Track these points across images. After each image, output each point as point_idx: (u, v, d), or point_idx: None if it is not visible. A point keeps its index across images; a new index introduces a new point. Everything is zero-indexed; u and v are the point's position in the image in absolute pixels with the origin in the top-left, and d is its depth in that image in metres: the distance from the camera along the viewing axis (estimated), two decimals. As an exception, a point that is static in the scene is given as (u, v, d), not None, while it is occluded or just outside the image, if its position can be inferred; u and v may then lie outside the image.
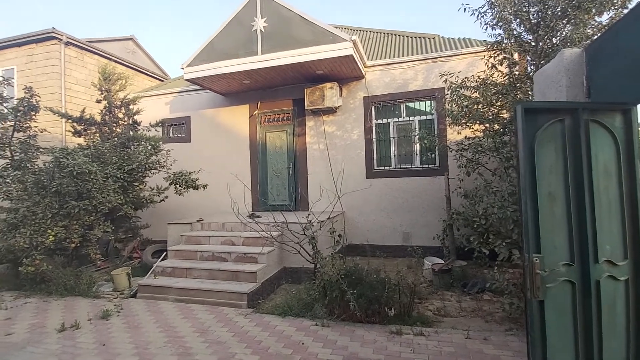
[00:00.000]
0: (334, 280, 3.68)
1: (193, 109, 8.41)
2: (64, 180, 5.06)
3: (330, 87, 6.79)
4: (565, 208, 1.98)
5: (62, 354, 3.22)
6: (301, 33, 6.13)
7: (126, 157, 6.27)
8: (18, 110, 5.68)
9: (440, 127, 6.56)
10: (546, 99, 2.66)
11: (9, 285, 5.39)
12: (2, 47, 9.44)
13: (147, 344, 3.37)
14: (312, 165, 7.35)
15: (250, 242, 5.30)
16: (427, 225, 6.44)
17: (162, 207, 7.39)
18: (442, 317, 3.81)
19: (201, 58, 6.71)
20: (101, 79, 7.46)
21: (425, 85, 6.72)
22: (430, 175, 6.59)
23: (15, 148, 5.66)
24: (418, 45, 7.55)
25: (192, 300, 4.50)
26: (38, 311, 4.39)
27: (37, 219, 4.98)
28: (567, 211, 1.98)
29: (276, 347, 3.24)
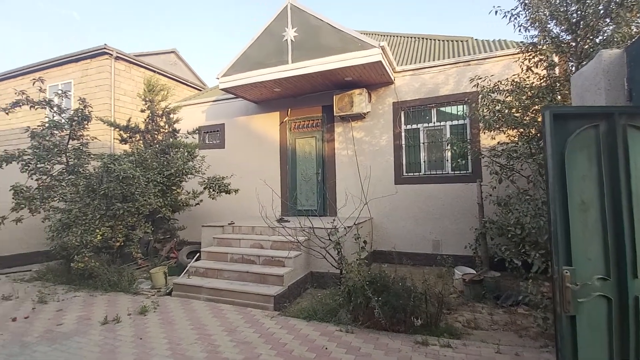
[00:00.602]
0: (358, 287, 3.67)
1: (227, 116, 8.79)
2: (111, 184, 5.51)
3: (358, 93, 6.82)
4: (600, 217, 1.87)
5: (103, 345, 3.49)
6: (330, 41, 6.24)
7: (165, 163, 6.69)
8: (73, 120, 6.27)
9: (473, 132, 6.36)
10: (584, 102, 2.53)
11: (62, 280, 5.92)
12: (63, 63, 10.47)
13: (179, 340, 3.56)
14: (340, 171, 7.39)
15: (278, 245, 5.42)
16: (459, 233, 6.23)
17: (197, 210, 7.77)
18: (471, 329, 3.67)
19: (235, 68, 7.03)
20: (146, 90, 8.04)
21: (456, 90, 6.55)
22: (462, 182, 6.38)
23: (70, 154, 6.24)
24: (449, 49, 7.39)
25: (222, 300, 4.69)
26: (85, 304, 4.78)
27: (87, 220, 5.44)
28: (602, 221, 1.86)
29: (300, 350, 3.29)
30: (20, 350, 3.38)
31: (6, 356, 3.25)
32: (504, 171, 4.58)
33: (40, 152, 5.77)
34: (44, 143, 5.87)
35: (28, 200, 5.41)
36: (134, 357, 3.20)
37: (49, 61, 10.53)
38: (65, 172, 6.12)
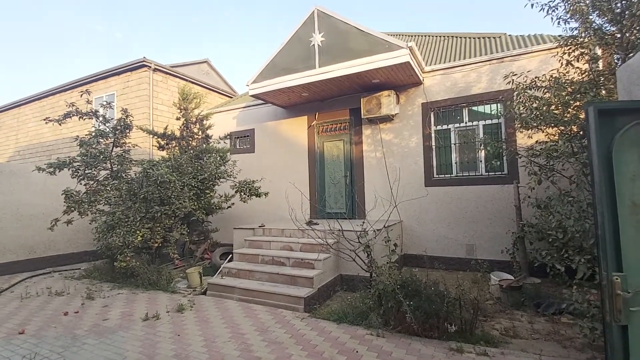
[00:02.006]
0: (389, 290, 3.63)
1: (256, 121, 9.02)
2: (150, 188, 5.83)
3: (386, 95, 6.77)
4: (654, 221, 1.73)
5: (145, 340, 3.69)
6: (357, 44, 6.25)
7: (199, 168, 6.98)
8: (116, 129, 6.72)
9: (508, 131, 6.09)
10: (632, 96, 2.36)
11: (107, 277, 6.33)
12: (107, 76, 11.25)
13: (214, 337, 3.69)
14: (368, 174, 7.35)
15: (307, 248, 5.47)
16: (494, 237, 5.97)
17: (229, 213, 8.02)
18: (510, 337, 3.50)
19: (264, 75, 7.22)
20: (180, 99, 8.45)
21: (490, 88, 6.32)
22: (497, 183, 6.12)
23: (114, 161, 6.68)
24: (481, 46, 7.16)
25: (254, 301, 4.80)
26: (127, 301, 5.07)
27: (129, 222, 5.79)
28: (656, 224, 1.73)
29: (330, 352, 3.30)
30: (72, 342, 3.64)
31: (60, 347, 3.52)
32: (543, 172, 4.35)
33: (88, 159, 6.23)
34: (91, 151, 6.33)
35: (77, 203, 5.85)
36: (173, 352, 3.35)
37: (94, 75, 11.35)
38: (109, 177, 6.56)
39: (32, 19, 57.94)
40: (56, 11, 57.83)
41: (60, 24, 59.70)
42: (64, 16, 59.57)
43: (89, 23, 62.17)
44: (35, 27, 58.60)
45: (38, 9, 55.62)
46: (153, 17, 69.74)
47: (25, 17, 56.96)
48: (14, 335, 3.84)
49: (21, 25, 57.28)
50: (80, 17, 60.62)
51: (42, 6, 54.95)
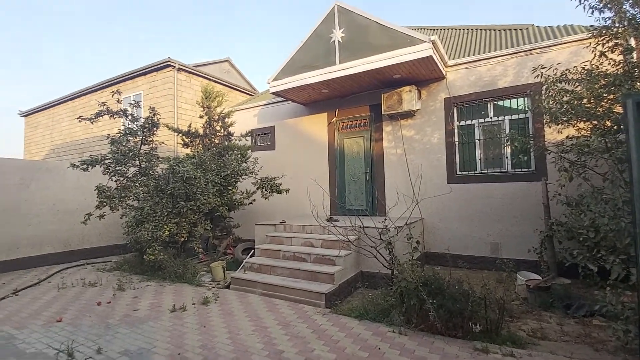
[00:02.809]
0: (411, 288, 3.60)
1: (277, 119, 9.11)
2: (176, 184, 6.03)
3: (408, 90, 6.67)
4: (698, 219, 1.64)
5: (172, 330, 3.84)
6: (378, 39, 6.18)
7: (222, 165, 7.14)
8: (144, 127, 6.97)
9: (536, 126, 5.88)
10: (674, 88, 2.23)
11: (136, 270, 6.60)
12: (134, 77, 11.67)
13: (238, 330, 3.80)
14: (389, 170, 7.28)
15: (328, 244, 5.50)
16: (520, 236, 5.80)
17: (251, 209, 8.17)
18: (538, 339, 3.40)
19: (284, 72, 7.27)
20: (203, 97, 8.65)
21: (517, 82, 6.10)
22: (524, 180, 5.92)
23: (142, 158, 6.95)
24: (507, 38, 6.91)
25: (275, 295, 4.89)
26: (156, 293, 5.28)
27: (156, 217, 6.02)
28: (701, 223, 1.64)
29: (352, 348, 3.32)
30: (105, 331, 3.84)
31: (94, 335, 3.72)
32: (574, 168, 4.17)
33: (118, 157, 6.51)
34: (121, 148, 6.60)
35: (109, 199, 6.12)
36: (200, 343, 3.48)
37: (123, 75, 11.79)
38: (138, 173, 6.82)
39: (59, 23, 60.82)
40: (81, 13, 60.44)
41: (86, 26, 62.38)
42: (89, 20, 62.21)
43: (109, 25, 64.69)
44: (62, 28, 61.48)
45: (64, 12, 58.38)
46: (174, 18, 71.50)
47: (53, 21, 59.85)
48: (53, 323, 4.09)
49: (50, 28, 60.24)
50: (102, 20, 63.16)
51: (68, 7, 57.63)
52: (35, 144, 16.22)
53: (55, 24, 60.18)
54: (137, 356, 3.22)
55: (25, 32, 56.55)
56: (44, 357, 3.25)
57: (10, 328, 3.97)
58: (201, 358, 3.16)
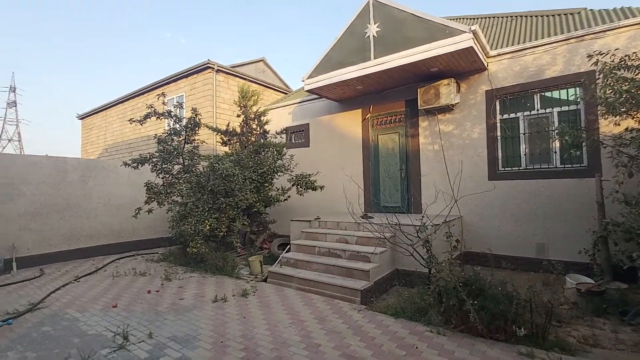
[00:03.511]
0: (451, 288, 3.51)
1: (311, 116, 9.20)
2: (216, 181, 6.32)
3: (446, 83, 6.45)
4: None
5: (215, 319, 4.05)
6: (414, 32, 6.02)
7: (258, 162, 7.36)
8: (187, 127, 7.36)
9: (589, 118, 5.44)
10: None
11: (180, 261, 7.02)
12: (177, 79, 12.32)
13: (276, 322, 3.92)
14: (425, 167, 7.10)
15: (363, 241, 5.50)
16: (570, 236, 5.42)
17: (286, 205, 8.35)
18: (589, 346, 3.19)
19: (319, 70, 7.32)
20: (240, 97, 8.94)
21: (567, 70, 5.68)
22: (574, 176, 5.52)
23: (186, 156, 7.35)
24: (557, 25, 6.43)
25: (311, 290, 4.98)
26: (198, 284, 5.59)
27: (198, 212, 6.35)
28: None
29: (389, 345, 3.31)
30: (155, 317, 4.14)
31: (145, 321, 4.03)
32: (634, 163, 3.83)
33: (164, 155, 6.94)
34: (167, 147, 7.02)
35: (156, 194, 6.56)
36: (240, 333, 3.64)
37: (167, 78, 12.49)
38: (182, 171, 7.23)
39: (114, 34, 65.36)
40: (136, 23, 64.50)
41: (137, 34, 66.53)
42: (141, 26, 66.22)
43: (160, 31, 68.45)
44: (116, 39, 66.05)
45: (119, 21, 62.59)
46: (213, 22, 74.27)
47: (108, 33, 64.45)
48: (109, 308, 4.48)
49: (105, 39, 64.92)
50: (154, 27, 66.95)
51: (123, 20, 61.69)
52: (91, 144, 17.67)
53: (107, 34, 64.87)
54: (184, 342, 3.44)
55: (82, 43, 61.54)
56: (104, 339, 3.57)
57: (74, 311, 4.40)
58: (242, 347, 3.31)
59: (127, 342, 3.45)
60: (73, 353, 3.24)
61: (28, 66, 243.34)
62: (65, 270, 6.69)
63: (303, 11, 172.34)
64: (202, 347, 3.31)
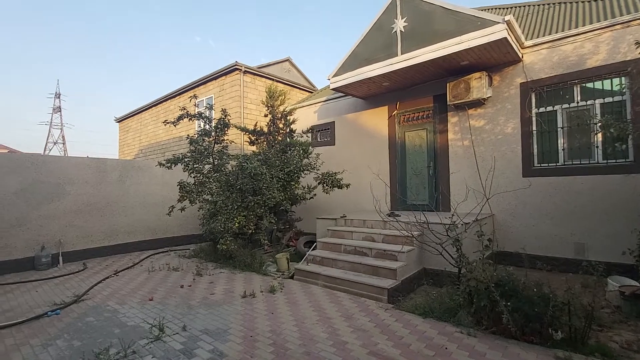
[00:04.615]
0: (482, 288, 3.40)
1: (336, 114, 9.19)
2: (244, 180, 6.48)
3: (477, 77, 6.22)
4: None
5: (244, 314, 4.16)
6: (443, 25, 5.85)
7: (285, 161, 7.45)
8: (217, 128, 7.60)
9: (636, 109, 5.07)
10: None
11: (211, 258, 7.27)
12: (206, 82, 12.73)
13: (303, 319, 3.98)
14: (454, 164, 6.90)
15: (389, 239, 5.44)
16: (613, 236, 5.08)
17: (311, 203, 8.41)
18: (633, 352, 2.98)
19: (344, 68, 7.29)
20: (267, 97, 9.09)
21: (611, 59, 5.31)
22: (618, 172, 5.16)
23: (215, 156, 7.59)
24: (599, 10, 6.02)
25: (337, 288, 4.99)
26: (228, 280, 5.76)
27: (227, 210, 6.54)
28: None
29: (417, 345, 3.26)
30: (188, 311, 4.32)
31: (179, 314, 4.21)
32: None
33: (195, 155, 7.20)
34: (198, 148, 7.28)
35: (188, 193, 6.82)
36: (269, 328, 3.72)
37: (197, 81, 12.93)
38: (212, 170, 7.47)
39: (148, 41, 68.40)
40: (167, 32, 67.27)
41: (170, 41, 69.48)
42: (171, 31, 69.08)
43: (191, 35, 71.07)
44: (151, 45, 69.15)
45: (153, 30, 65.42)
46: (240, 24, 75.97)
47: (142, 40, 67.55)
48: (146, 302, 4.72)
49: (141, 46, 68.13)
50: (184, 32, 69.62)
51: (156, 28, 64.48)
52: (127, 145, 18.65)
53: (140, 41, 68.12)
54: (216, 335, 3.57)
55: (118, 52, 64.99)
56: (142, 330, 3.77)
57: (114, 303, 4.68)
58: (271, 342, 3.39)
59: (163, 333, 3.63)
60: (114, 342, 3.45)
61: (71, 73, 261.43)
62: (106, 264, 7.12)
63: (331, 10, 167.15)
64: (233, 341, 3.42)
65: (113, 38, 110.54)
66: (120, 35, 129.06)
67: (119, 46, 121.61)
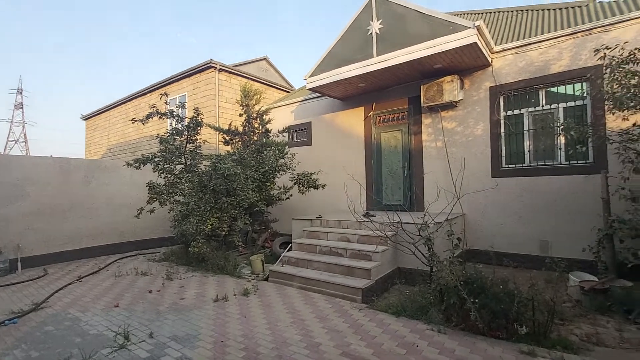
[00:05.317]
0: (452, 286, 3.47)
1: (313, 114, 9.17)
2: (218, 180, 6.31)
3: (449, 80, 6.38)
4: None
5: (216, 318, 4.04)
6: (417, 28, 5.96)
7: (260, 161, 7.34)
8: (189, 127, 7.37)
9: (595, 113, 5.35)
10: None
11: (182, 261, 7.04)
12: (179, 79, 12.35)
13: (276, 321, 3.91)
14: (428, 164, 7.04)
15: (364, 240, 5.47)
16: (574, 234, 5.34)
17: (287, 204, 8.33)
18: (592, 345, 3.13)
19: (321, 68, 7.28)
20: (242, 96, 8.93)
21: (573, 65, 5.59)
22: (579, 173, 5.44)
23: (188, 156, 7.36)
24: (563, 18, 6.33)
25: (312, 289, 4.96)
26: (200, 283, 5.59)
27: (200, 211, 6.35)
28: None
29: (389, 344, 3.28)
30: (156, 317, 4.15)
31: (146, 320, 4.04)
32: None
33: (166, 155, 6.95)
34: (169, 147, 7.03)
35: (158, 194, 6.58)
36: (241, 332, 3.63)
37: (169, 78, 12.52)
38: (184, 171, 7.24)
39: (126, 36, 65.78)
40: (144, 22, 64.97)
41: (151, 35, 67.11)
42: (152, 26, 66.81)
43: (172, 31, 69.08)
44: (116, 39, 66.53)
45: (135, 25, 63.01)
46: (221, 22, 74.62)
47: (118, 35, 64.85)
48: (110, 308, 4.49)
49: (107, 39, 65.41)
50: (166, 27, 67.53)
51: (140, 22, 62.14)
52: (94, 144, 17.81)
53: (113, 35, 65.45)
54: (185, 341, 3.44)
55: (86, 44, 62.21)
56: (105, 338, 3.58)
57: (76, 311, 4.42)
58: (242, 346, 3.30)
59: (128, 341, 3.45)
60: (75, 353, 3.25)
61: (35, 69, 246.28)
62: (68, 270, 6.74)
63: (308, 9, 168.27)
64: (203, 347, 3.31)
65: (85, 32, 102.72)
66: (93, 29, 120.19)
67: (92, 41, 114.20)
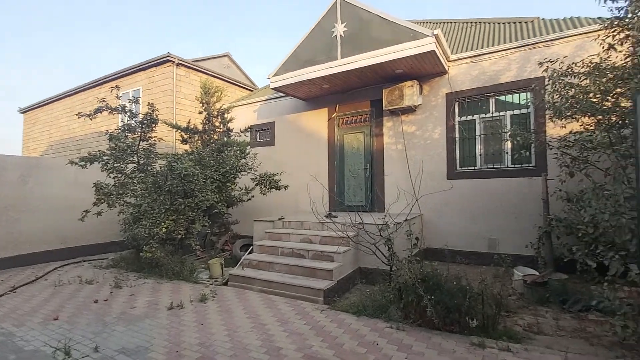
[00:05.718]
0: (409, 284, 3.58)
1: (277, 114, 9.05)
2: (174, 181, 5.99)
3: (409, 85, 6.61)
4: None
5: (170, 328, 3.82)
6: (380, 33, 6.11)
7: (221, 161, 7.08)
8: (143, 124, 6.92)
9: (538, 121, 5.83)
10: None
11: (133, 267, 6.58)
12: (133, 72, 11.59)
13: (236, 327, 3.78)
14: (389, 166, 7.24)
15: (326, 240, 5.48)
16: (519, 231, 5.77)
17: (249, 205, 8.13)
18: (533, 334, 3.39)
19: (286, 67, 7.20)
20: (202, 93, 8.59)
21: (520, 76, 6.04)
22: (523, 176, 5.89)
23: (141, 154, 6.90)
24: (512, 32, 6.83)
25: (274, 292, 4.87)
26: (153, 290, 5.26)
27: (154, 213, 5.98)
28: None
29: (350, 344, 3.30)
30: (102, 329, 3.83)
31: (91, 333, 3.71)
32: (576, 164, 4.13)
33: (116, 153, 6.47)
34: (120, 145, 6.55)
35: (107, 195, 6.10)
36: (197, 341, 3.46)
37: (122, 71, 11.71)
38: (136, 170, 6.79)
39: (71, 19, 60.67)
40: (88, 9, 60.31)
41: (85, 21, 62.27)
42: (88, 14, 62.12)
43: (109, 19, 64.60)
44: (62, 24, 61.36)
45: (68, 9, 58.22)
46: (174, 13, 71.25)
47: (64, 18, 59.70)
48: (49, 321, 4.06)
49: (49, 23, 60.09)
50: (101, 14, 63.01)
51: (71, 6, 57.50)
52: (34, 140, 16.18)
53: (55, 19, 60.07)
54: (135, 354, 3.20)
55: (25, 27, 56.53)
56: (42, 354, 3.23)
57: (10, 325, 3.96)
58: (199, 355, 3.14)
59: (69, 357, 3.15)
60: (3, 372, 2.90)
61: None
62: (1, 280, 6.03)
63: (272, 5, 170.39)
64: (155, 359, 3.10)
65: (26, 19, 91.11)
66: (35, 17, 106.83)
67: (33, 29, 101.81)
